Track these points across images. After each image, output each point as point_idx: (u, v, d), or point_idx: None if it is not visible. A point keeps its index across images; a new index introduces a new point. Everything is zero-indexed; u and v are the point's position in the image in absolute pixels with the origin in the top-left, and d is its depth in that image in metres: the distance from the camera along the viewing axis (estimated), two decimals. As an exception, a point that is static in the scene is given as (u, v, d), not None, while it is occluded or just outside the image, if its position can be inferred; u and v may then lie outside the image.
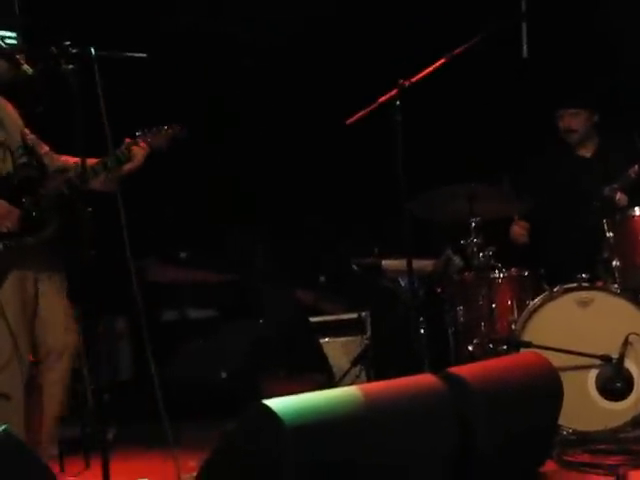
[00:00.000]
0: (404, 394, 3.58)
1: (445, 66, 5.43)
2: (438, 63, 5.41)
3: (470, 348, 5.63)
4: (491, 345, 5.51)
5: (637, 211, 5.41)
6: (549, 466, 4.57)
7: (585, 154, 6.28)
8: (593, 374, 5.28)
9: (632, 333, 5.20)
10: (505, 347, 5.44)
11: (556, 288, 5.45)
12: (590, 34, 7.04)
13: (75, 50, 4.31)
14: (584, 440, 5.10)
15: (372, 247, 7.02)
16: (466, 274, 5.85)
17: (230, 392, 6.95)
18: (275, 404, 3.17)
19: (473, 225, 5.66)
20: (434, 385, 3.71)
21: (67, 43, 4.30)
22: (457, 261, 6.11)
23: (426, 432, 3.56)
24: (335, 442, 3.24)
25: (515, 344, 5.34)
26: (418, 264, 6.01)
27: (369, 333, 6.92)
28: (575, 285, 5.42)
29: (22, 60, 4.57)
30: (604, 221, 5.51)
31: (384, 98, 5.29)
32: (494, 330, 5.58)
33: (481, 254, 5.66)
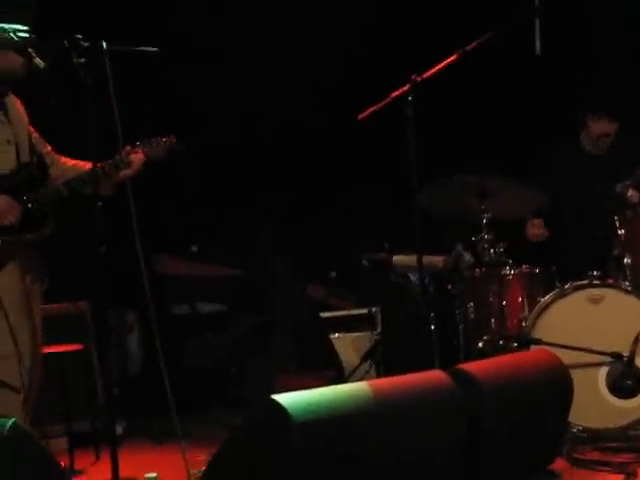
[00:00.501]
0: (414, 390, 3.57)
1: (458, 61, 5.41)
2: (451, 59, 5.40)
3: (480, 345, 5.62)
4: (501, 342, 5.50)
5: (649, 208, 5.41)
6: (559, 464, 4.56)
7: (599, 152, 6.27)
8: (604, 371, 5.26)
9: (643, 331, 5.19)
10: (515, 344, 5.42)
11: (567, 285, 5.43)
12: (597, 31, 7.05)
13: (86, 44, 4.31)
14: (594, 438, 5.09)
15: (383, 242, 7.01)
16: (477, 270, 5.83)
17: (240, 387, 6.96)
18: (284, 399, 3.17)
19: (484, 221, 5.64)
20: (444, 381, 3.70)
21: (78, 36, 4.31)
22: (468, 257, 6.10)
23: (435, 428, 3.55)
24: (344, 438, 3.23)
25: (525, 341, 5.32)
26: (429, 260, 6.00)
27: (379, 329, 6.92)
28: (586, 282, 5.40)
29: (34, 54, 4.58)
30: (615, 218, 5.50)
31: (397, 93, 5.28)
32: (504, 327, 5.57)
33: (492, 250, 5.64)
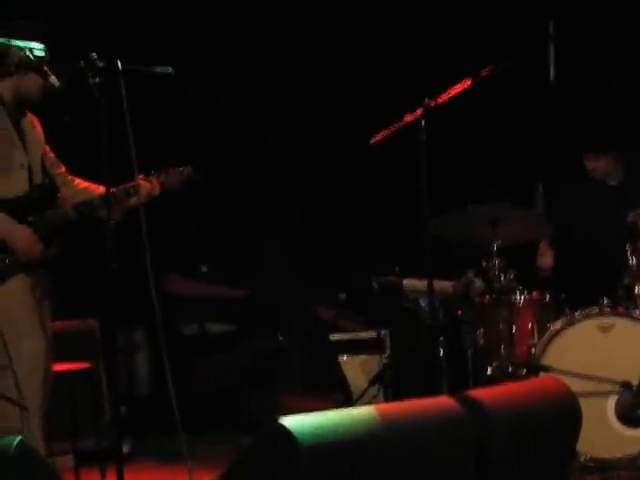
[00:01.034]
0: (421, 416, 3.56)
1: (471, 87, 5.42)
2: (464, 84, 5.40)
3: (489, 371, 5.60)
4: (510, 368, 5.48)
5: (661, 238, 5.40)
6: (566, 492, 4.53)
7: (610, 181, 6.26)
8: (612, 400, 5.24)
9: (652, 360, 5.17)
10: (524, 371, 5.41)
11: (577, 313, 5.42)
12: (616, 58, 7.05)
13: (102, 63, 4.33)
14: (602, 467, 5.07)
15: (393, 266, 7.01)
16: (487, 296, 5.82)
17: (247, 408, 6.95)
18: (291, 422, 3.16)
19: (495, 247, 5.63)
20: (452, 408, 3.68)
21: (94, 56, 4.33)
22: (478, 283, 6.09)
23: (443, 455, 3.54)
24: (350, 462, 3.22)
25: (535, 368, 5.31)
26: (439, 285, 5.99)
27: (388, 352, 6.90)
28: (596, 310, 5.39)
29: (49, 72, 4.61)
30: (627, 247, 5.49)
31: (409, 118, 5.29)
32: (514, 353, 5.55)
33: (502, 277, 5.63)
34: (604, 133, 6.35)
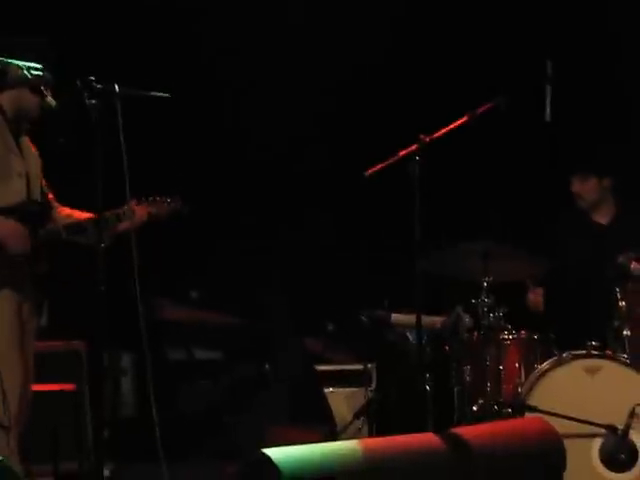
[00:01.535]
0: (405, 452, 3.55)
1: (467, 124, 5.43)
2: (460, 121, 5.42)
3: (475, 408, 5.60)
4: (496, 407, 5.47)
5: (651, 281, 5.41)
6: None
7: (601, 220, 6.26)
8: (597, 443, 5.23)
9: (639, 404, 5.15)
10: (510, 410, 5.40)
11: (565, 354, 5.42)
12: (612, 98, 7.09)
13: (99, 85, 4.34)
14: (585, 510, 5.05)
15: (382, 299, 6.99)
16: (475, 334, 5.82)
17: (232, 436, 6.91)
18: (275, 454, 3.15)
19: (485, 285, 5.63)
20: (436, 445, 3.68)
21: (91, 78, 4.34)
22: (467, 320, 6.08)
23: (425, 492, 3.53)
24: (332, 496, 3.21)
25: (520, 408, 5.30)
26: (427, 320, 5.98)
27: (374, 386, 6.88)
28: (584, 352, 5.39)
29: (46, 92, 4.62)
30: (617, 289, 5.49)
31: (404, 152, 5.29)
32: (500, 392, 5.54)
33: (491, 314, 5.62)
34: (593, 157, 6.36)
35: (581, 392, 5.30)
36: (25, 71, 4.62)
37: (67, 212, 5.02)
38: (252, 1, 7.46)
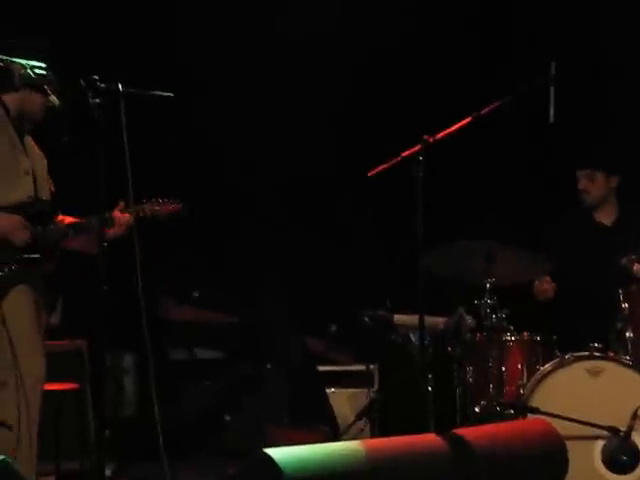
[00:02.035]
0: (407, 453, 3.55)
1: (470, 124, 5.43)
2: (464, 121, 5.41)
3: (477, 409, 5.59)
4: (498, 408, 5.46)
5: (654, 283, 5.40)
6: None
7: (604, 221, 6.27)
8: (599, 445, 5.22)
9: (641, 406, 5.15)
10: (512, 411, 5.39)
11: (567, 355, 5.41)
12: (613, 97, 7.09)
13: (102, 85, 4.34)
14: (587, 512, 5.04)
15: (385, 300, 6.99)
16: (477, 335, 5.81)
17: (233, 436, 6.91)
18: (276, 454, 3.15)
19: (488, 286, 5.62)
20: (438, 446, 3.67)
21: (95, 77, 4.34)
22: (469, 321, 6.08)
23: (427, 493, 3.53)
24: (334, 497, 3.21)
25: (522, 409, 5.29)
26: (430, 321, 5.97)
27: (376, 386, 6.88)
28: (587, 354, 5.38)
29: (50, 91, 4.63)
30: (619, 291, 5.49)
31: (407, 153, 5.29)
32: (502, 393, 5.53)
33: (494, 316, 5.61)
34: (601, 154, 6.37)
35: (583, 394, 5.29)
36: (29, 70, 4.63)
37: (59, 217, 5.03)
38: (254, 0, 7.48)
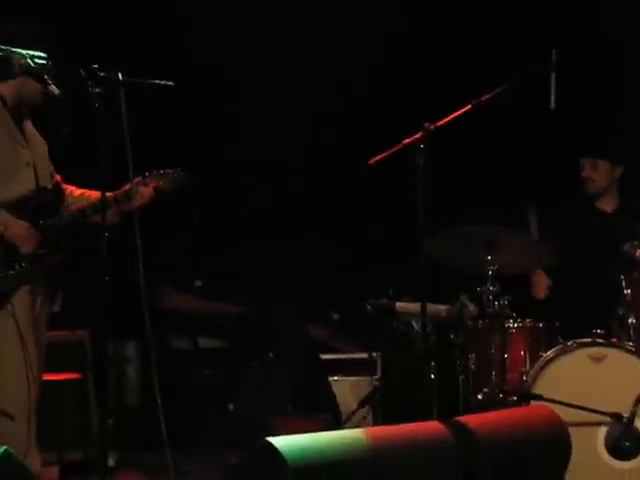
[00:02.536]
0: (410, 441, 3.55)
1: (471, 111, 5.42)
2: (465, 108, 5.41)
3: (480, 397, 5.58)
4: (501, 395, 5.46)
5: (657, 269, 5.39)
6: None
7: (606, 208, 6.27)
8: (602, 431, 5.22)
9: (644, 392, 5.15)
10: (515, 398, 5.39)
11: (570, 342, 5.41)
12: (620, 87, 7.07)
13: (102, 74, 4.33)
14: (589, 498, 5.04)
15: (387, 288, 6.99)
16: (480, 322, 5.80)
17: (236, 425, 6.92)
18: (279, 442, 3.15)
19: (490, 273, 5.61)
20: (441, 433, 3.67)
21: (95, 66, 4.33)
22: (472, 308, 6.07)
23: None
24: (337, 485, 3.21)
25: (525, 396, 5.29)
26: (432, 308, 5.97)
27: (379, 374, 6.88)
28: (589, 340, 5.38)
29: (49, 80, 4.62)
30: (622, 277, 5.48)
31: (408, 140, 5.28)
32: (505, 380, 5.53)
33: (496, 303, 5.60)
34: (606, 143, 6.36)
35: (586, 380, 5.29)
36: (29, 60, 4.62)
37: (80, 192, 5.00)
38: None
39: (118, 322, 4.64)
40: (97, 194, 4.70)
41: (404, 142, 5.29)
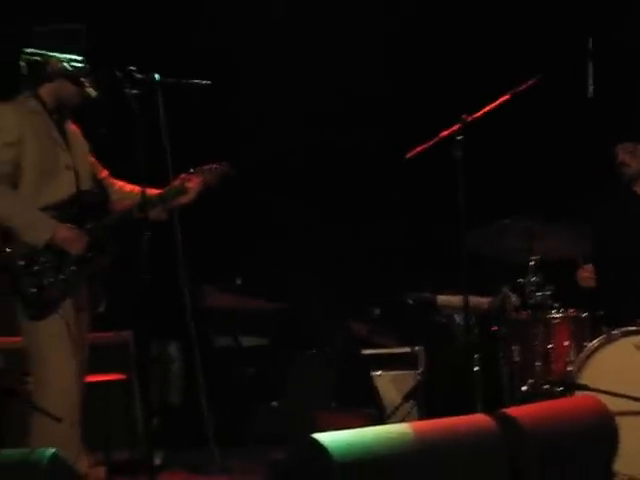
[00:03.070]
0: (456, 434, 3.53)
1: (509, 102, 5.40)
2: (502, 99, 5.38)
3: (524, 388, 5.56)
4: (546, 386, 5.43)
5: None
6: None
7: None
8: (649, 420, 5.19)
9: (690, 380, 5.11)
10: (560, 389, 5.36)
11: (615, 331, 5.36)
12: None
13: (139, 75, 4.35)
14: (639, 487, 5.01)
15: (428, 281, 6.98)
16: (523, 313, 5.77)
17: (280, 422, 6.93)
18: (325, 438, 3.15)
19: (532, 264, 5.58)
20: (487, 426, 3.65)
21: (132, 68, 4.35)
22: (514, 299, 6.05)
23: (476, 473, 3.51)
24: (384, 479, 3.20)
25: (571, 386, 5.26)
26: (474, 301, 5.95)
27: (422, 368, 6.87)
28: (634, 329, 5.34)
29: (87, 83, 4.64)
30: (665, 265, 5.44)
31: (446, 133, 5.26)
32: (549, 371, 5.50)
33: (539, 293, 5.58)
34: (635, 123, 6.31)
35: (632, 369, 5.24)
36: (65, 63, 4.64)
37: (129, 188, 5.01)
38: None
39: (160, 322, 4.66)
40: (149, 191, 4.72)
41: (441, 135, 5.27)
